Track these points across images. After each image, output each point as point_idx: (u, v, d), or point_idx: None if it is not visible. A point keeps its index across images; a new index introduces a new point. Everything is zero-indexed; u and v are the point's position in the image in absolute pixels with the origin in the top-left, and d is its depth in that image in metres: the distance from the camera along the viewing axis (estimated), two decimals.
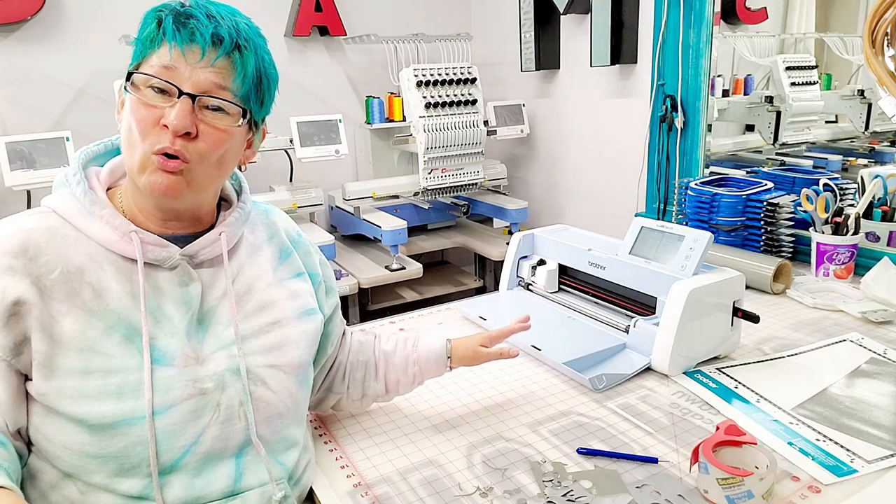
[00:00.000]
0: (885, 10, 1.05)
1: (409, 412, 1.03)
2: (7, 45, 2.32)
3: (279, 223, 0.89)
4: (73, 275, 0.69)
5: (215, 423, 0.71)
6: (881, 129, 2.01)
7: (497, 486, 0.83)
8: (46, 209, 0.74)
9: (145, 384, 0.67)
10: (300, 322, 0.82)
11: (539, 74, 2.81)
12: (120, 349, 0.68)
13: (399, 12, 3.00)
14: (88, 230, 0.71)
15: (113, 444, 0.67)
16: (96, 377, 0.67)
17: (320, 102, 2.90)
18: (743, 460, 0.82)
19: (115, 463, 0.67)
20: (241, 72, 0.72)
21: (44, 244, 0.69)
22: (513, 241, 1.48)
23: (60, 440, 0.67)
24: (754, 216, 1.65)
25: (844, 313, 1.36)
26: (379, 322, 1.41)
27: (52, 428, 0.68)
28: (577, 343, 1.19)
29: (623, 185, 2.40)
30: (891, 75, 1.07)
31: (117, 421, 0.66)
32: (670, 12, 1.97)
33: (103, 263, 0.71)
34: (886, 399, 1.02)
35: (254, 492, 0.74)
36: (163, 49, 0.69)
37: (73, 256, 0.70)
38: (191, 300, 0.74)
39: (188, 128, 0.69)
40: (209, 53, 0.69)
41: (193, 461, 0.70)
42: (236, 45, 0.71)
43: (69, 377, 0.66)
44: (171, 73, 0.69)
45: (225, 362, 0.73)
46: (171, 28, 0.68)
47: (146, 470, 0.68)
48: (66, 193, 0.73)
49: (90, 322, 0.68)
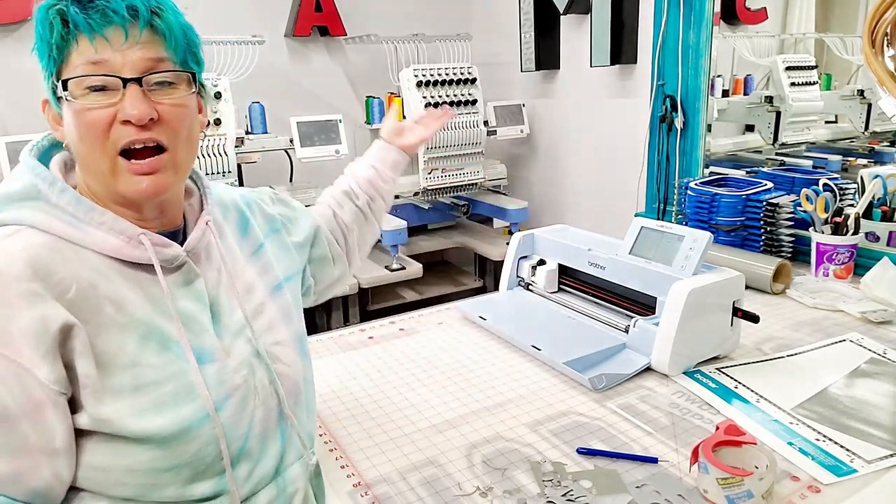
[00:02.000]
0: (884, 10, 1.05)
1: (409, 412, 1.03)
2: (7, 45, 2.32)
3: (225, 196, 0.84)
4: (87, 291, 0.63)
5: (259, 406, 0.73)
6: (881, 129, 2.02)
7: (497, 486, 0.83)
8: (22, 227, 0.63)
9: (197, 384, 0.66)
10: (274, 300, 0.81)
11: (539, 74, 2.81)
12: (160, 358, 0.66)
13: (399, 12, 3.01)
14: (86, 241, 0.64)
15: (187, 451, 0.65)
16: (148, 391, 0.64)
17: (320, 102, 2.91)
18: (743, 460, 0.82)
19: (189, 469, 0.66)
20: (171, 37, 0.66)
21: (50, 263, 0.61)
22: (513, 241, 1.48)
23: (124, 464, 0.63)
24: (754, 216, 1.65)
25: (844, 313, 1.36)
26: (379, 322, 1.41)
27: (110, 456, 0.63)
28: (577, 343, 1.19)
29: (623, 185, 2.40)
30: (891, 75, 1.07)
31: (186, 426, 0.65)
32: (670, 12, 1.97)
33: (109, 274, 0.65)
34: (886, 399, 1.02)
35: (295, 465, 0.77)
36: (81, 44, 0.62)
37: (79, 272, 0.63)
38: (200, 296, 0.72)
39: (150, 114, 0.63)
40: (132, 30, 0.63)
41: (252, 447, 0.72)
42: (152, 10, 0.64)
43: (123, 397, 0.63)
44: (102, 66, 0.62)
45: (246, 347, 0.74)
46: (80, 17, 0.61)
47: (218, 467, 0.68)
48: (41, 206, 0.64)
49: (123, 337, 0.64)
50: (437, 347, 1.27)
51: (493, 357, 1.22)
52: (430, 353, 1.24)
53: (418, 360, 1.21)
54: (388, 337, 1.33)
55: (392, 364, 1.20)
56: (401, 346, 1.28)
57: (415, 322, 1.41)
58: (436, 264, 3.22)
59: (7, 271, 0.59)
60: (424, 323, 1.40)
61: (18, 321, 0.58)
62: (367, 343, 1.30)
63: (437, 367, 1.18)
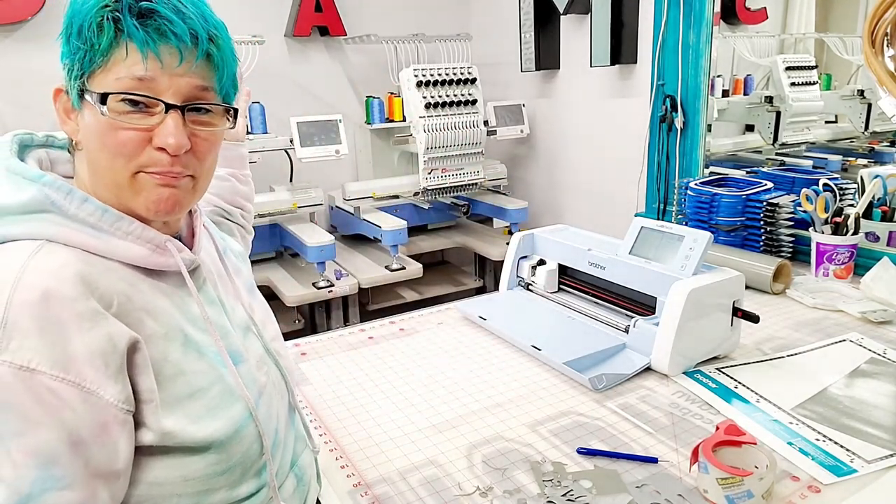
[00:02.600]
0: (884, 10, 1.05)
1: (409, 412, 1.03)
2: (7, 45, 2.32)
3: None
4: (126, 304, 0.60)
5: (278, 400, 0.75)
6: (881, 129, 2.01)
7: (497, 486, 0.83)
8: (39, 243, 0.58)
9: (237, 385, 0.67)
10: (255, 298, 0.83)
11: (539, 74, 2.81)
12: (200, 364, 0.66)
13: (399, 12, 3.00)
14: (112, 252, 0.61)
15: (238, 451, 0.67)
16: (198, 397, 0.64)
17: (320, 102, 2.91)
18: (743, 460, 0.82)
19: (240, 469, 0.67)
20: (223, 68, 0.64)
21: (91, 277, 0.58)
22: (513, 241, 1.48)
23: (180, 475, 0.63)
24: (754, 216, 1.65)
25: (844, 313, 1.36)
26: (379, 322, 1.41)
27: (168, 469, 0.62)
28: (577, 343, 1.19)
29: (623, 185, 2.40)
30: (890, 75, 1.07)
31: (238, 427, 0.66)
32: (670, 12, 1.97)
33: (138, 284, 0.63)
34: (886, 399, 1.02)
35: (304, 455, 0.80)
36: (131, 56, 0.59)
37: (114, 285, 0.60)
38: (213, 299, 0.73)
39: (187, 145, 0.62)
40: (188, 56, 0.60)
41: (280, 440, 0.74)
42: (210, 38, 0.62)
43: (180, 407, 0.62)
44: (148, 85, 0.59)
45: (257, 344, 0.76)
46: (137, 31, 0.58)
47: (259, 464, 0.70)
48: (55, 219, 0.59)
49: (167, 347, 0.63)
50: (437, 347, 1.27)
51: (493, 357, 1.22)
52: (430, 353, 1.24)
53: (418, 360, 1.21)
54: (388, 337, 1.33)
55: (392, 364, 1.20)
56: (401, 346, 1.28)
57: (415, 322, 1.41)
58: (436, 264, 3.22)
59: (59, 290, 0.55)
60: (424, 323, 1.40)
61: (80, 342, 0.55)
62: (367, 343, 1.30)
63: (437, 367, 1.18)
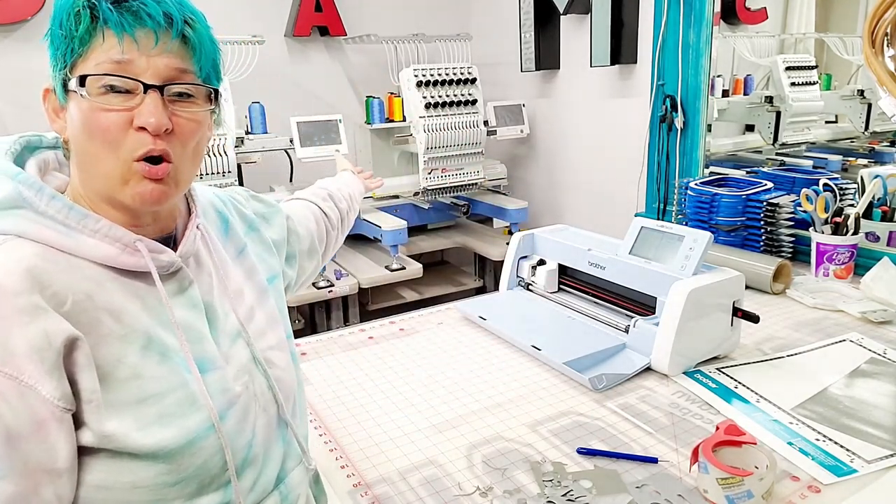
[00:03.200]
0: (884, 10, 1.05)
1: (409, 412, 1.03)
2: (7, 45, 2.32)
3: (204, 201, 0.81)
4: (84, 302, 0.60)
5: (260, 414, 0.72)
6: (881, 129, 2.01)
7: (497, 486, 0.83)
8: (10, 237, 0.61)
9: (199, 394, 0.65)
10: (263, 303, 0.80)
11: (539, 74, 2.81)
12: (161, 368, 0.64)
13: (399, 12, 3.01)
14: (79, 250, 0.62)
15: (192, 463, 0.64)
16: (151, 403, 0.62)
17: (320, 102, 2.91)
18: (743, 460, 0.82)
19: (195, 482, 0.65)
20: (200, 50, 0.65)
21: (45, 274, 0.59)
22: (513, 241, 1.48)
23: (128, 481, 0.62)
24: (754, 216, 1.65)
25: (844, 313, 1.36)
26: (379, 322, 1.41)
27: (115, 473, 0.61)
28: (577, 343, 1.19)
29: (623, 185, 2.40)
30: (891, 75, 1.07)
31: (192, 438, 0.64)
32: (670, 12, 1.97)
33: (105, 283, 0.63)
34: (886, 399, 1.02)
35: (295, 471, 0.76)
36: (108, 41, 0.60)
37: (74, 283, 0.61)
38: (196, 302, 0.71)
39: (167, 124, 0.62)
40: (163, 37, 0.62)
41: (256, 455, 0.71)
42: (186, 20, 0.63)
43: (127, 410, 0.61)
44: (126, 67, 0.61)
45: (244, 353, 0.73)
46: (112, 14, 0.60)
47: (223, 478, 0.67)
48: (27, 215, 0.61)
49: (124, 348, 0.62)
50: (437, 347, 1.27)
51: (493, 357, 1.22)
52: (430, 353, 1.24)
53: (418, 360, 1.21)
54: (388, 337, 1.33)
55: (392, 364, 1.20)
56: (401, 346, 1.28)
57: (415, 322, 1.41)
58: (436, 264, 3.22)
59: (4, 284, 0.56)
60: (424, 323, 1.40)
61: (20, 337, 0.56)
62: (367, 343, 1.30)
63: (437, 367, 1.18)
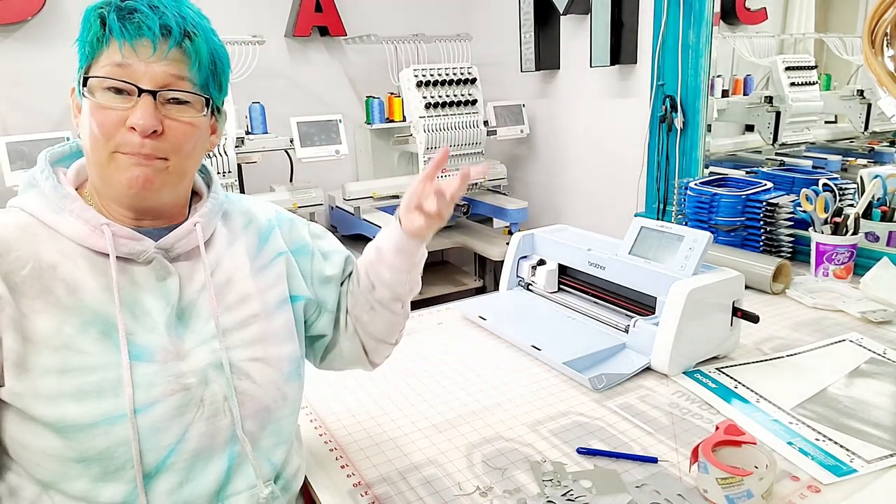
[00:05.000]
0: (884, 10, 1.05)
1: (409, 412, 1.03)
2: (7, 45, 2.32)
3: (255, 209, 0.87)
4: (45, 271, 0.67)
5: (200, 420, 0.70)
6: (880, 129, 2.01)
7: (497, 486, 0.83)
8: (14, 208, 0.72)
9: (125, 381, 0.66)
10: (280, 313, 0.80)
11: (539, 75, 2.81)
12: (97, 346, 0.66)
13: (399, 12, 3.00)
14: (60, 226, 0.69)
15: (94, 446, 0.65)
16: (74, 376, 0.65)
17: (320, 102, 2.90)
18: (742, 460, 0.82)
19: (98, 466, 0.66)
20: (196, 60, 0.70)
21: (12, 240, 0.67)
22: (513, 241, 1.48)
23: (39, 446, 0.66)
24: (754, 216, 1.65)
25: (844, 313, 1.36)
26: None
27: (28, 434, 0.66)
28: (576, 343, 1.19)
29: (623, 185, 2.40)
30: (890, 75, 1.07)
31: (98, 420, 0.65)
32: (670, 12, 1.97)
33: (77, 259, 0.69)
34: (886, 399, 1.02)
35: (241, 496, 0.72)
36: (112, 47, 0.67)
37: (44, 253, 0.68)
38: (169, 294, 0.72)
39: (155, 126, 0.67)
40: (160, 46, 0.67)
41: (180, 461, 0.69)
42: (185, 33, 0.69)
43: (45, 376, 0.64)
44: (125, 72, 0.67)
45: (207, 357, 0.72)
46: (116, 25, 0.67)
47: (130, 473, 0.66)
48: (33, 192, 0.72)
49: (65, 319, 0.66)
50: (437, 347, 1.27)
51: (493, 357, 1.22)
52: (430, 353, 1.24)
53: (418, 359, 1.21)
54: None
55: (392, 364, 1.20)
56: (401, 346, 1.26)
57: (415, 322, 1.41)
58: (436, 264, 3.22)
59: None
60: (424, 323, 1.40)
61: None
62: None
63: (437, 367, 1.18)
